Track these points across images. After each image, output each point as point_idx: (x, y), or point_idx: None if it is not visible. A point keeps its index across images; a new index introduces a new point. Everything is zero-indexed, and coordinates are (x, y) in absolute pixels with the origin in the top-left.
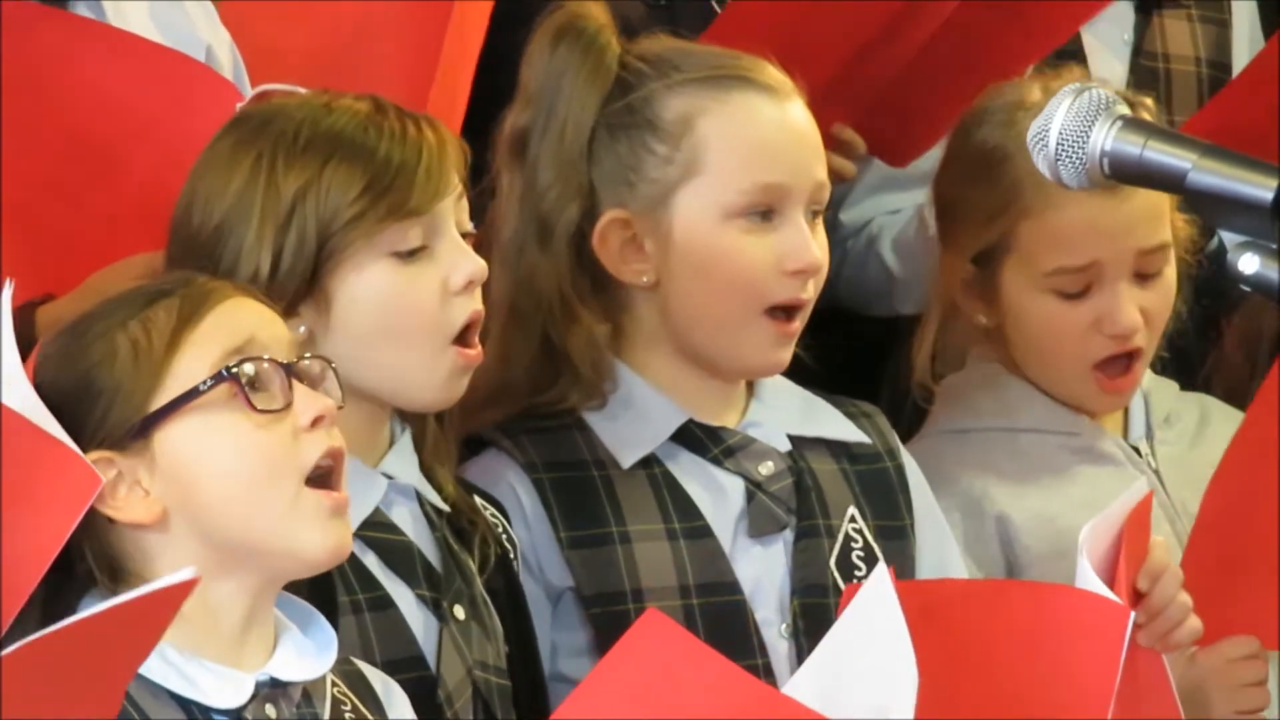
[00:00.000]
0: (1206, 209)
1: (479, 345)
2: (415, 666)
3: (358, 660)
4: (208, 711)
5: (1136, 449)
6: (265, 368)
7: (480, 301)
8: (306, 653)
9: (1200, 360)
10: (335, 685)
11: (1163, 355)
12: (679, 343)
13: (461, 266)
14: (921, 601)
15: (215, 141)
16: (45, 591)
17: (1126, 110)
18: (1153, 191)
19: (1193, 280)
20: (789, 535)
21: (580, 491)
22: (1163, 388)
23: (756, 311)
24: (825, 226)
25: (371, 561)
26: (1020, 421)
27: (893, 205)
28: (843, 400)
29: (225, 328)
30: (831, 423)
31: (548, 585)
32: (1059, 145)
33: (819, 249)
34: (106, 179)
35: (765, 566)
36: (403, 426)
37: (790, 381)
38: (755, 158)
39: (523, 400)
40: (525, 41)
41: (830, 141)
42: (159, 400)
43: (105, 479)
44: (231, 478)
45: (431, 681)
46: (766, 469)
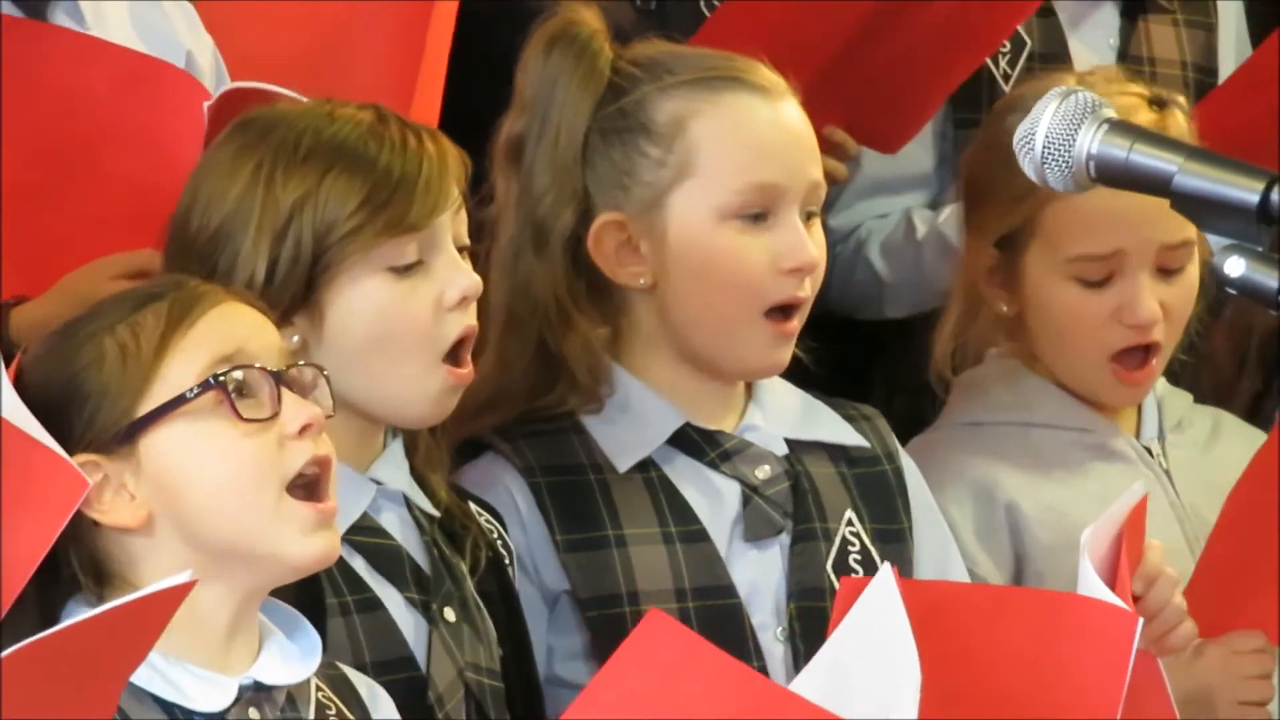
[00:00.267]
0: (1193, 212)
1: (470, 363)
2: (405, 667)
3: (342, 665)
4: (190, 715)
5: (1149, 450)
6: (254, 375)
7: (474, 317)
8: (291, 657)
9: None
10: (320, 689)
11: (1182, 359)
12: (678, 345)
13: (456, 282)
14: (926, 602)
15: (217, 146)
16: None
17: (1113, 113)
18: None
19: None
20: (785, 539)
21: (577, 495)
22: (1177, 396)
23: (755, 313)
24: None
25: (359, 565)
26: (1035, 416)
27: (881, 210)
28: (842, 403)
29: (215, 334)
30: (830, 426)
31: (544, 588)
32: (1045, 148)
33: (815, 247)
34: (78, 181)
35: (761, 570)
36: (394, 433)
37: (789, 384)
38: (748, 158)
39: (521, 405)
40: (521, 49)
41: (822, 144)
42: (146, 405)
43: (91, 482)
44: (216, 484)
45: (422, 682)
46: (763, 473)
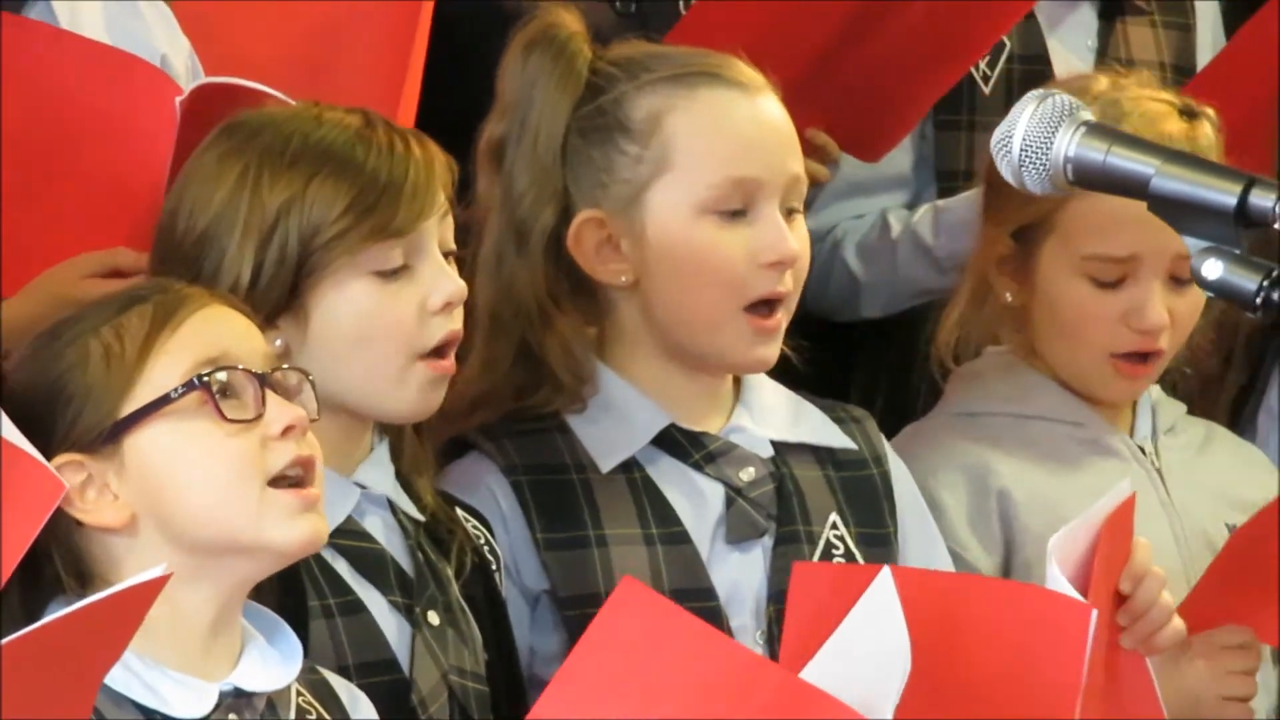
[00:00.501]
0: (1170, 215)
1: (453, 359)
2: (388, 670)
3: (323, 670)
4: None
5: (1141, 449)
6: (238, 377)
7: (459, 322)
8: (272, 662)
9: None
10: (301, 694)
11: (1185, 370)
12: (662, 342)
13: (441, 287)
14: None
15: (204, 149)
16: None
17: (1090, 116)
18: None
19: None
20: (768, 541)
21: (558, 494)
22: (1171, 404)
23: (736, 308)
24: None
25: (343, 568)
26: (1031, 409)
27: (857, 211)
28: (832, 404)
29: (200, 337)
30: (817, 428)
31: (524, 589)
32: (1023, 151)
33: (795, 241)
34: (48, 178)
35: (743, 572)
36: (381, 437)
37: (778, 384)
38: (724, 152)
39: (506, 406)
40: (499, 52)
41: (804, 146)
42: (130, 405)
43: (75, 482)
44: (199, 482)
45: (405, 685)
46: (747, 475)
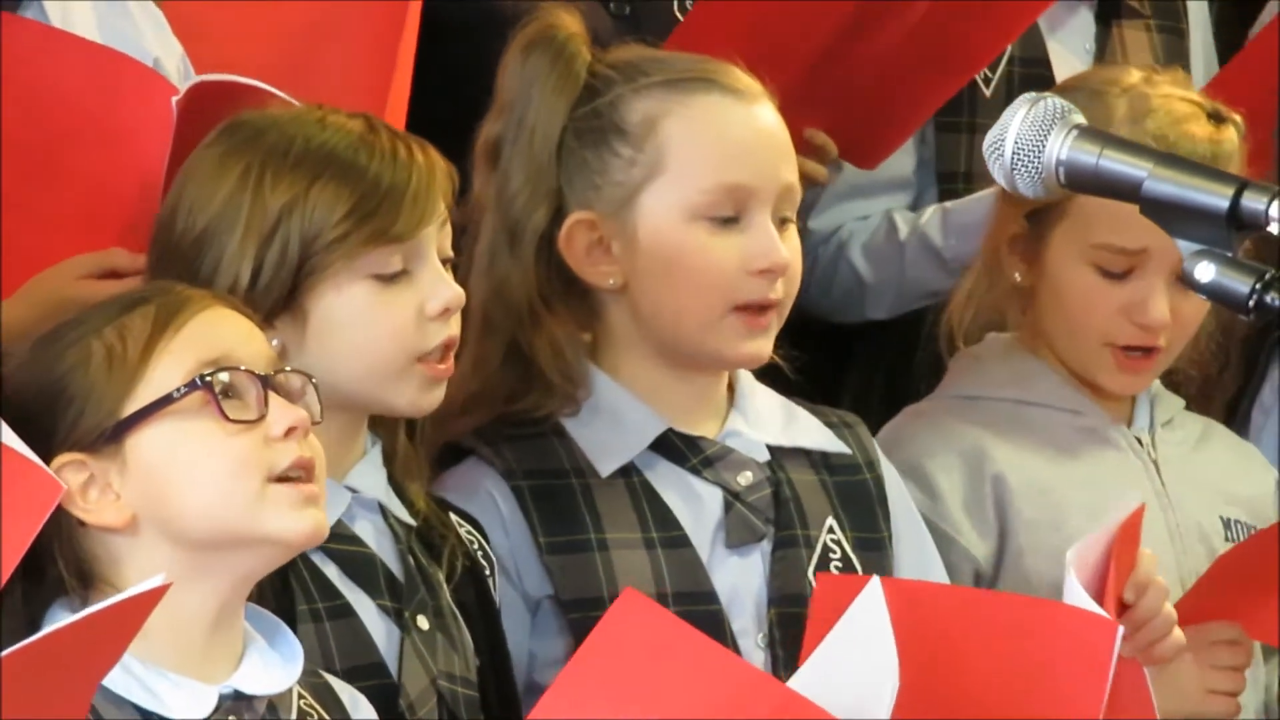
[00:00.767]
0: (1162, 217)
1: (451, 362)
2: (376, 674)
3: (325, 673)
4: None
5: (1139, 440)
6: (241, 378)
7: (456, 328)
8: (272, 665)
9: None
10: (302, 697)
11: (1191, 374)
12: (654, 344)
13: (439, 294)
14: (906, 600)
15: (205, 147)
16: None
17: (1082, 119)
18: None
19: None
20: (766, 545)
21: (559, 498)
22: (1170, 398)
23: (725, 310)
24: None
25: (332, 572)
26: (1030, 395)
27: (861, 212)
28: (823, 409)
29: (202, 338)
30: (811, 432)
31: (525, 594)
32: (1015, 154)
33: (786, 250)
34: (44, 180)
35: (742, 576)
36: (374, 441)
37: (769, 389)
38: (718, 158)
39: (498, 408)
40: (494, 54)
41: (802, 146)
42: (132, 406)
43: (77, 482)
44: (201, 480)
45: (393, 689)
46: (745, 479)
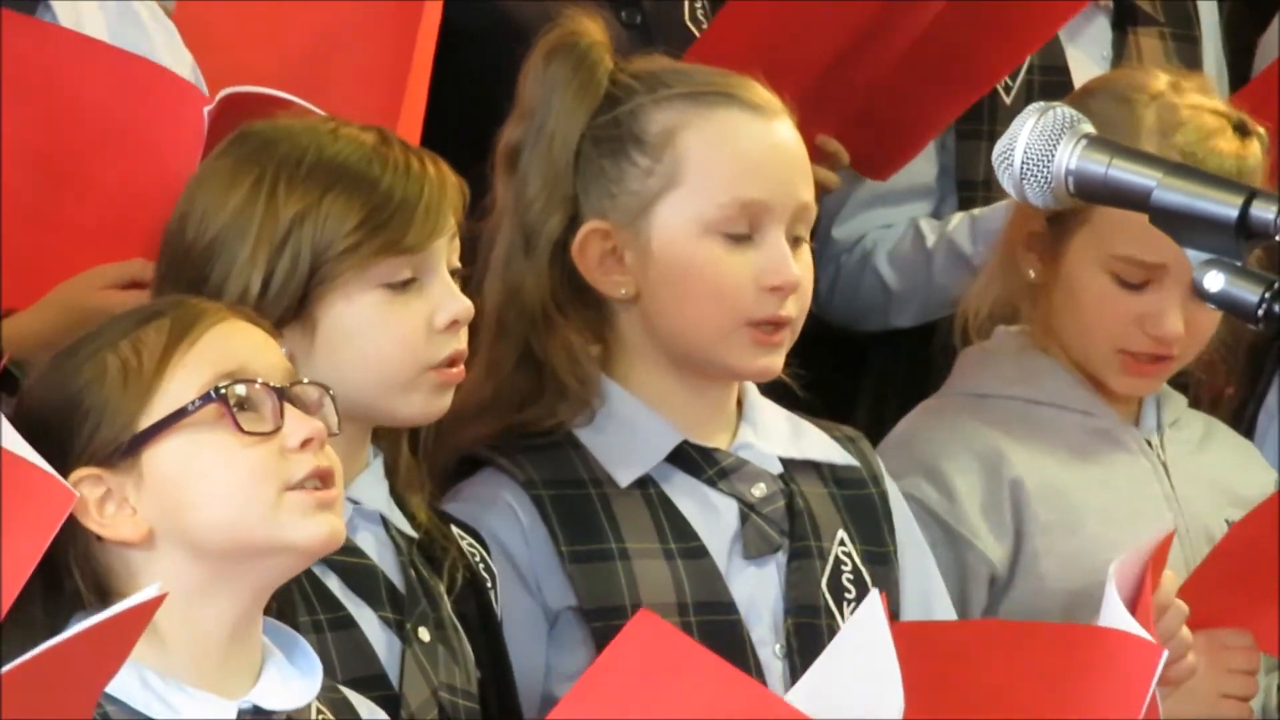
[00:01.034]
0: (1172, 227)
1: (462, 369)
2: (377, 685)
3: (344, 687)
4: None
5: (1148, 441)
6: (256, 390)
7: (465, 341)
8: (291, 679)
9: None
10: (320, 712)
11: (1200, 377)
12: (665, 355)
13: (448, 306)
14: (954, 643)
15: (214, 158)
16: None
17: (1091, 129)
18: None
19: None
20: (782, 557)
21: (579, 508)
22: (1174, 397)
23: (737, 324)
24: (818, 242)
25: (334, 584)
26: (1042, 394)
27: (885, 220)
28: (827, 424)
29: (217, 351)
30: (820, 445)
31: (545, 605)
32: (1024, 164)
33: (799, 267)
34: (71, 189)
35: (759, 587)
36: (376, 453)
37: (774, 403)
38: (735, 173)
39: (510, 414)
40: (510, 63)
41: (814, 153)
42: (148, 419)
43: (93, 496)
44: (217, 493)
45: (394, 701)
46: (759, 490)
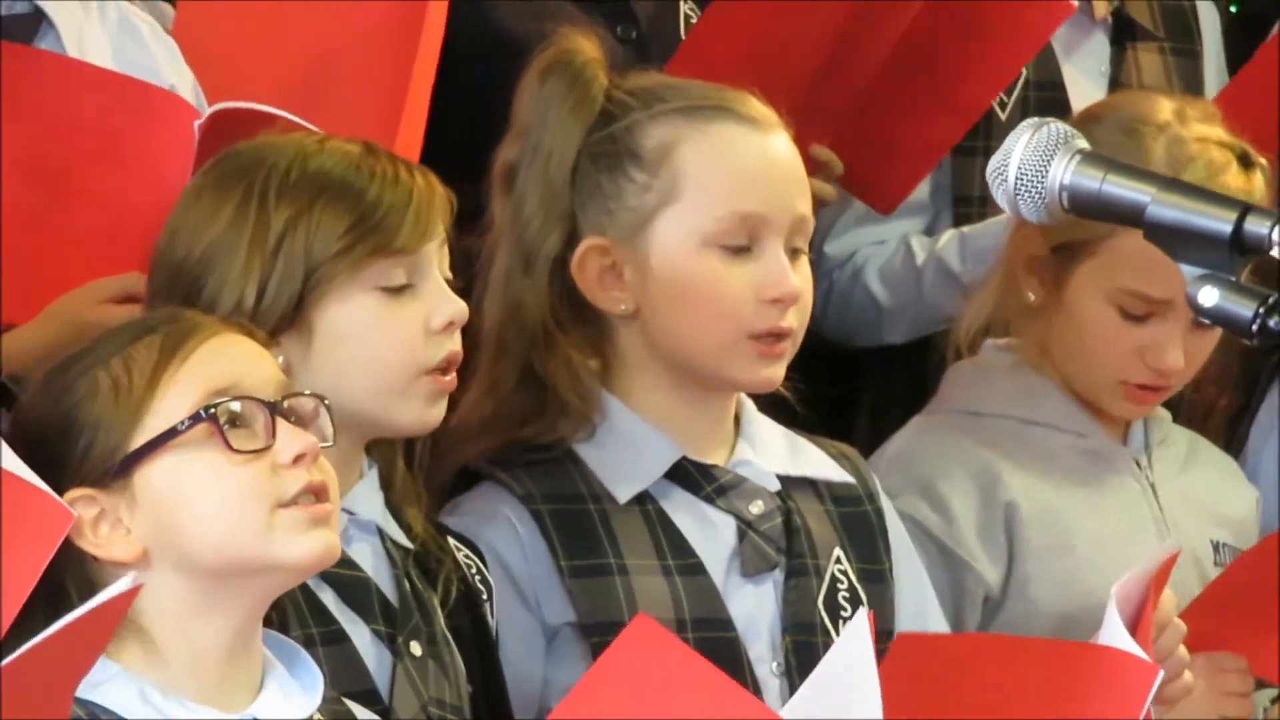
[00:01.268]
0: (1166, 242)
1: (454, 376)
2: (367, 700)
3: (347, 700)
4: None
5: (1137, 461)
6: (248, 407)
7: (459, 344)
8: (292, 693)
9: None
10: None
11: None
12: (666, 370)
13: (444, 308)
14: (947, 656)
15: (202, 175)
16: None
17: (1085, 144)
18: None
19: None
20: (779, 574)
21: (578, 523)
22: (1161, 415)
23: (739, 337)
24: (809, 259)
25: (328, 597)
26: (1035, 414)
27: (877, 236)
28: (823, 441)
29: (208, 367)
30: (817, 463)
31: (544, 621)
32: (1018, 180)
33: (798, 279)
34: (68, 204)
35: (757, 604)
36: (371, 465)
37: (770, 419)
38: (733, 186)
39: (511, 431)
40: (504, 80)
41: (809, 164)
42: (139, 439)
43: (87, 517)
44: (209, 513)
45: (384, 715)
46: (757, 508)
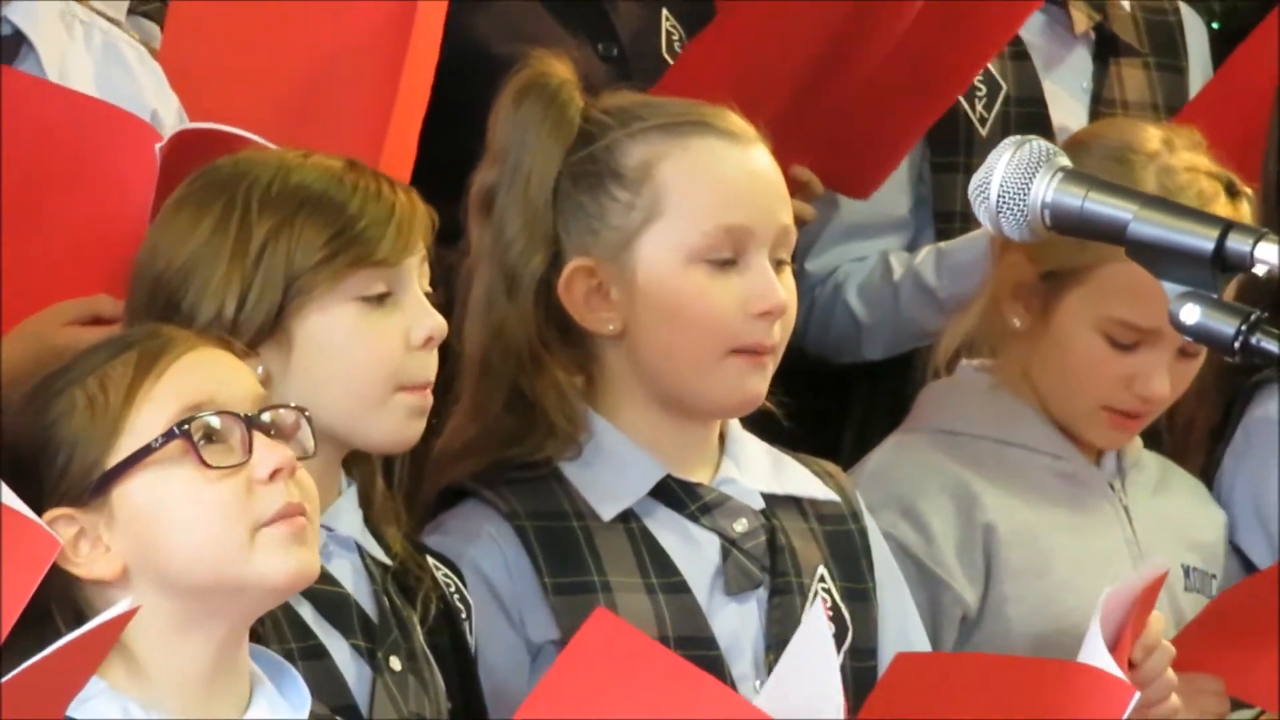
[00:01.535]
0: (1148, 259)
1: (429, 391)
2: (348, 715)
3: (338, 716)
4: None
5: (1111, 485)
6: (223, 421)
7: (435, 364)
8: (280, 709)
9: None
10: None
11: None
12: (650, 390)
13: (424, 321)
14: (921, 671)
15: (184, 188)
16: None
17: (1067, 162)
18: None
19: None
20: (763, 593)
21: (562, 540)
22: (1133, 440)
23: (722, 353)
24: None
25: (307, 613)
26: (1012, 435)
27: (858, 253)
28: (807, 459)
29: (184, 382)
30: (801, 481)
31: (528, 639)
32: (1000, 197)
33: (784, 291)
34: (30, 225)
35: (741, 622)
36: (349, 481)
37: (756, 438)
38: (716, 200)
39: (497, 453)
40: (483, 99)
41: (789, 185)
42: (115, 457)
43: (67, 536)
44: (186, 530)
45: None
46: (741, 526)
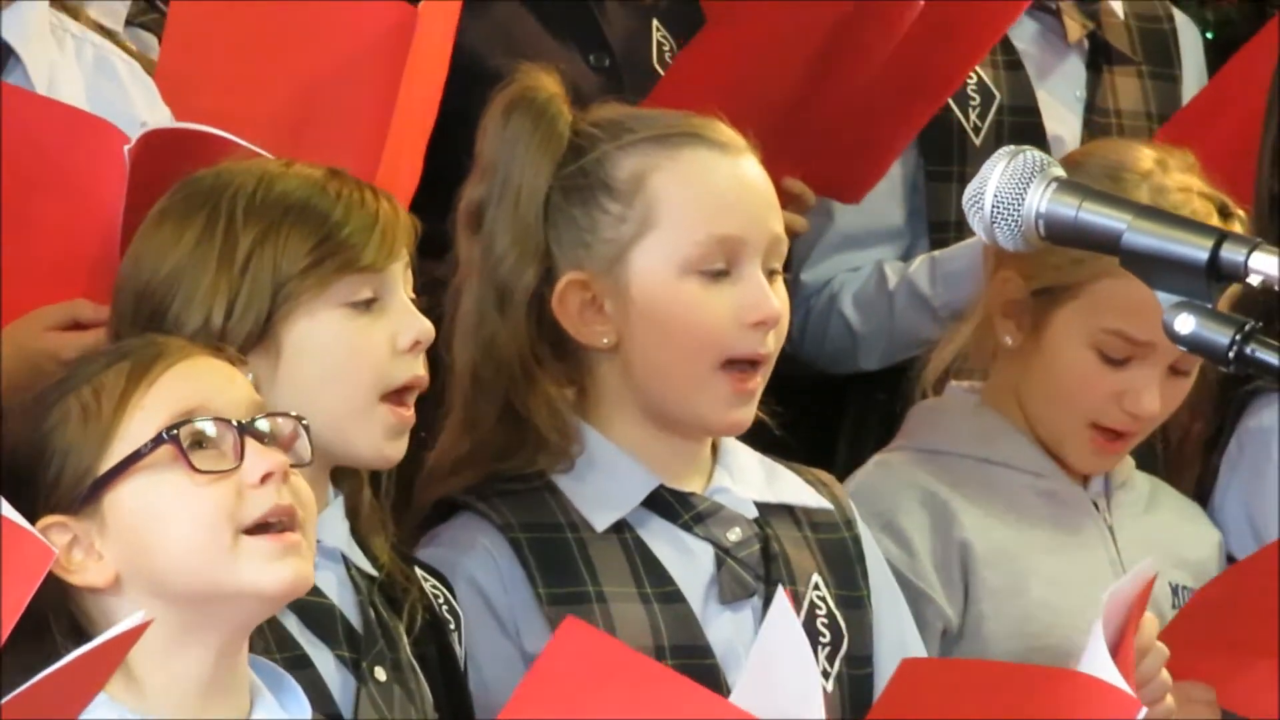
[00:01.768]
0: (1142, 269)
1: (412, 407)
2: None
3: None
4: None
5: (1095, 504)
6: (215, 427)
7: (423, 368)
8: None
9: None
10: None
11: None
12: (641, 403)
13: (411, 326)
14: (925, 678)
15: (166, 199)
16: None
17: (1061, 172)
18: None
19: None
20: (758, 601)
21: (556, 551)
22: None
23: (714, 365)
24: (786, 286)
25: (292, 624)
26: (994, 454)
27: (853, 263)
28: (800, 468)
29: (176, 390)
30: (794, 489)
31: (523, 649)
32: (994, 207)
33: (778, 301)
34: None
35: (735, 631)
36: (336, 492)
37: (747, 446)
38: (708, 211)
39: (489, 466)
40: (474, 111)
41: (780, 196)
42: (107, 463)
43: (60, 543)
44: (175, 536)
45: None
46: (734, 535)
